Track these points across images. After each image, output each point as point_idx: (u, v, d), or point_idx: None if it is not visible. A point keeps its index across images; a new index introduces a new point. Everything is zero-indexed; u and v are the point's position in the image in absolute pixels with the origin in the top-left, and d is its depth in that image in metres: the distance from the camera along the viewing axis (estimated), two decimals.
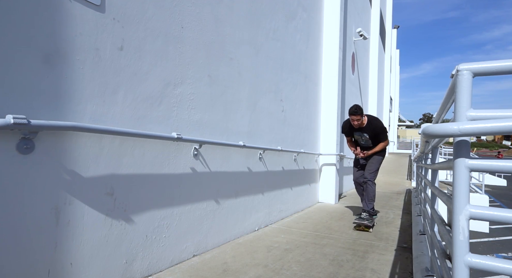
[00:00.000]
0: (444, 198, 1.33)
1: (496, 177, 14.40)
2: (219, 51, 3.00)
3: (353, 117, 4.03)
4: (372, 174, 4.20)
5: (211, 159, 2.91)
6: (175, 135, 2.36)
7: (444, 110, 1.59)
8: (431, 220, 2.17)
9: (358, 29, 7.80)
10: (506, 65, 0.92)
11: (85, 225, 1.85)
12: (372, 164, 4.25)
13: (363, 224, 3.92)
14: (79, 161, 1.81)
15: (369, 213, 4.16)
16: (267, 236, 3.50)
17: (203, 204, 2.83)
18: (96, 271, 1.92)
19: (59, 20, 1.69)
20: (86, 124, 1.78)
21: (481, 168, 0.95)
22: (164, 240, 2.42)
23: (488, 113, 0.93)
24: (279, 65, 4.23)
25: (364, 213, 4.14)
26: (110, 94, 1.98)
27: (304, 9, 5.04)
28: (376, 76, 11.88)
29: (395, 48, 26.10)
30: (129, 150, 2.11)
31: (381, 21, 13.81)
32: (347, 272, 2.54)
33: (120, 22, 2.02)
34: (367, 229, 3.91)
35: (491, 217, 0.92)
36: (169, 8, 2.40)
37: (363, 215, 4.08)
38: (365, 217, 4.05)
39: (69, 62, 1.74)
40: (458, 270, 0.93)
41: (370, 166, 4.25)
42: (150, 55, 2.25)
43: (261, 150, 3.76)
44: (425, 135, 1.07)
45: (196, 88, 2.71)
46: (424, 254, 2.60)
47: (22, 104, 1.55)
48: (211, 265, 2.57)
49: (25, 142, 1.54)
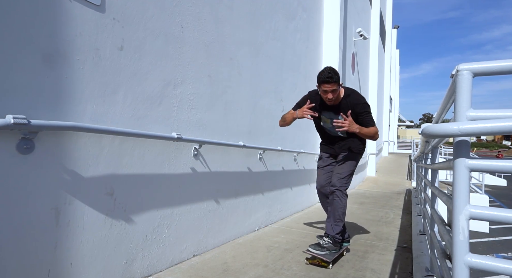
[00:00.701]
0: (444, 198, 1.33)
1: (496, 177, 14.39)
2: (219, 51, 3.00)
3: (327, 86, 2.56)
4: (344, 181, 2.80)
5: (211, 159, 2.91)
6: (175, 135, 2.36)
7: (444, 110, 1.59)
8: (431, 220, 2.17)
9: (358, 29, 7.80)
10: (506, 65, 0.92)
11: (85, 225, 1.85)
12: (344, 166, 2.86)
13: (319, 257, 2.62)
14: (79, 161, 1.81)
15: (334, 239, 2.73)
16: (267, 236, 3.50)
17: (203, 204, 2.83)
18: (96, 271, 1.92)
19: (59, 20, 1.69)
20: (86, 124, 1.78)
21: (481, 168, 0.95)
22: (164, 240, 2.42)
23: (488, 113, 0.93)
24: (279, 65, 4.23)
25: (325, 239, 2.74)
26: (110, 94, 1.98)
27: (304, 9, 5.04)
28: (376, 76, 11.88)
29: (395, 48, 26.08)
30: (129, 150, 2.11)
31: (381, 21, 13.81)
32: (347, 272, 2.54)
33: (120, 22, 2.02)
34: (325, 264, 2.60)
35: (491, 217, 0.92)
36: (169, 8, 2.40)
37: (323, 241, 2.72)
38: (326, 244, 2.69)
39: (69, 62, 1.74)
40: (458, 270, 0.93)
41: (340, 168, 2.86)
42: (150, 55, 2.25)
43: (261, 150, 3.76)
44: (425, 135, 1.07)
45: (196, 88, 2.71)
46: (424, 254, 2.60)
47: (22, 104, 1.55)
48: (211, 265, 2.57)
49: (25, 142, 1.54)
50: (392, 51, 22.45)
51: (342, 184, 2.79)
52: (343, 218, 2.80)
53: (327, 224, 2.84)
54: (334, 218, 2.79)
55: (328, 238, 2.75)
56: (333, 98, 2.62)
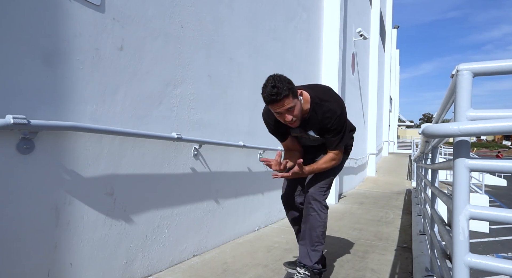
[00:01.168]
0: (444, 198, 1.33)
1: (496, 177, 14.39)
2: (219, 51, 3.00)
3: (276, 107, 1.77)
4: (323, 189, 2.09)
5: (211, 159, 2.91)
6: (175, 135, 2.37)
7: (444, 110, 1.59)
8: (431, 220, 2.17)
9: (358, 29, 7.80)
10: (506, 65, 0.92)
11: (85, 225, 1.85)
12: (322, 174, 2.11)
13: None
14: (79, 161, 1.81)
15: (312, 271, 2.02)
16: (267, 236, 3.50)
17: (203, 204, 2.83)
18: (96, 271, 1.92)
19: (59, 20, 1.69)
20: (86, 124, 1.78)
21: (481, 168, 0.95)
22: (164, 240, 2.42)
23: (488, 113, 0.92)
24: (279, 65, 4.23)
25: (300, 272, 2.02)
26: (110, 94, 1.98)
27: (304, 9, 5.04)
28: (376, 76, 11.88)
29: (395, 48, 26.07)
30: (129, 150, 2.11)
31: (381, 21, 13.80)
32: (347, 272, 2.54)
33: (120, 22, 2.02)
34: None
35: (491, 217, 0.92)
36: (169, 8, 2.40)
37: (298, 275, 2.01)
38: None
39: (69, 62, 1.74)
40: (458, 270, 0.93)
41: (318, 175, 2.11)
42: (150, 55, 2.25)
43: (261, 150, 3.75)
44: (425, 135, 1.07)
45: (196, 88, 2.71)
46: (424, 254, 2.60)
47: (22, 104, 1.55)
48: (211, 265, 2.57)
49: (25, 142, 1.54)
50: (392, 51, 22.45)
51: (321, 193, 2.06)
52: (323, 240, 2.05)
53: (301, 250, 2.07)
54: (311, 241, 2.01)
55: (304, 269, 2.01)
56: (294, 119, 1.81)
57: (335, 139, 1.98)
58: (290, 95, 1.73)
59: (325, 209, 2.08)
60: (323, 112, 1.90)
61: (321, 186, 2.10)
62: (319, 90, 1.98)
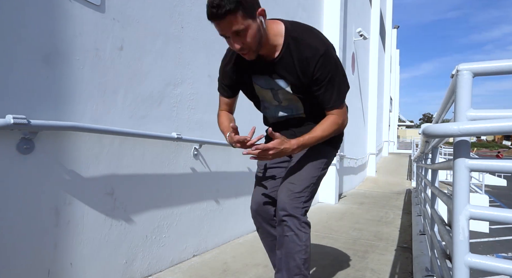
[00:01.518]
0: (444, 198, 1.33)
1: (496, 177, 14.38)
2: (219, 51, 2.99)
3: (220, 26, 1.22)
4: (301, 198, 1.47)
5: (211, 159, 2.91)
6: (175, 135, 2.37)
7: (444, 110, 1.59)
8: (431, 220, 2.17)
9: (358, 29, 7.80)
10: (506, 65, 0.92)
11: (85, 225, 1.85)
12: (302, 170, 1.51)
13: None
14: (79, 161, 1.81)
15: None
16: None
17: (203, 204, 2.83)
18: (96, 271, 1.92)
19: (59, 20, 1.69)
20: (86, 124, 1.78)
21: (481, 168, 0.95)
22: (164, 240, 2.42)
23: (488, 113, 0.92)
24: None
25: None
26: (110, 94, 1.98)
27: (304, 9, 5.04)
28: (376, 76, 11.88)
29: (395, 48, 26.07)
30: (129, 150, 2.11)
31: (381, 21, 13.80)
32: (347, 272, 2.54)
33: (120, 22, 2.02)
34: None
35: (491, 217, 0.92)
36: (169, 8, 2.40)
37: None
38: None
39: (69, 62, 1.74)
40: (458, 270, 0.93)
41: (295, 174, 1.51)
42: (150, 55, 2.25)
43: None
44: (425, 135, 1.07)
45: (196, 88, 2.71)
46: (424, 254, 2.60)
47: (22, 104, 1.55)
48: (211, 265, 2.57)
49: (25, 142, 1.54)
50: (392, 51, 22.44)
51: (298, 204, 1.45)
52: (307, 271, 1.46)
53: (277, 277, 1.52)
54: (289, 273, 1.45)
55: None
56: (245, 47, 1.27)
57: (328, 93, 1.39)
58: (238, 11, 1.17)
59: (307, 227, 1.47)
60: (300, 51, 1.34)
61: (296, 193, 1.45)
62: (300, 25, 1.42)
